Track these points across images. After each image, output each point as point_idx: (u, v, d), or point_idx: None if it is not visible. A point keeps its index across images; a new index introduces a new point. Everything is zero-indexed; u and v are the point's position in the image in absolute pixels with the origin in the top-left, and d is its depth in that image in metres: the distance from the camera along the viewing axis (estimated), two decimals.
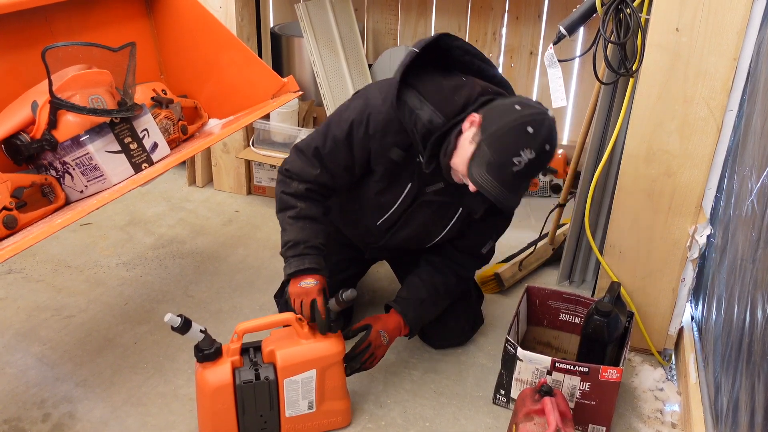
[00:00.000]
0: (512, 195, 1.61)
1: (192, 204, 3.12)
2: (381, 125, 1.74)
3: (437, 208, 1.89)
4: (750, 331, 1.38)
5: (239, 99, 2.36)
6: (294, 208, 1.82)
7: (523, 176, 1.60)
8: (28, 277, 2.53)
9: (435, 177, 1.80)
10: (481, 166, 1.59)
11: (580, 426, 1.87)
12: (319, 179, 1.84)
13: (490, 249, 2.04)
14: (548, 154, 1.61)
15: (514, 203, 1.65)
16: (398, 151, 1.76)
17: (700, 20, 1.75)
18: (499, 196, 1.59)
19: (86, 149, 1.83)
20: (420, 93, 1.70)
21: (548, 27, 3.29)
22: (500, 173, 1.58)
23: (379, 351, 1.90)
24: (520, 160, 1.56)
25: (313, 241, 1.80)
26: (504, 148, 1.57)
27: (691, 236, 1.97)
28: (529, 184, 1.68)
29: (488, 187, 1.58)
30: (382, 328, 1.91)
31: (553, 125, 1.61)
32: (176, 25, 2.38)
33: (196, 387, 1.75)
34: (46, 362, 2.09)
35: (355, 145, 1.79)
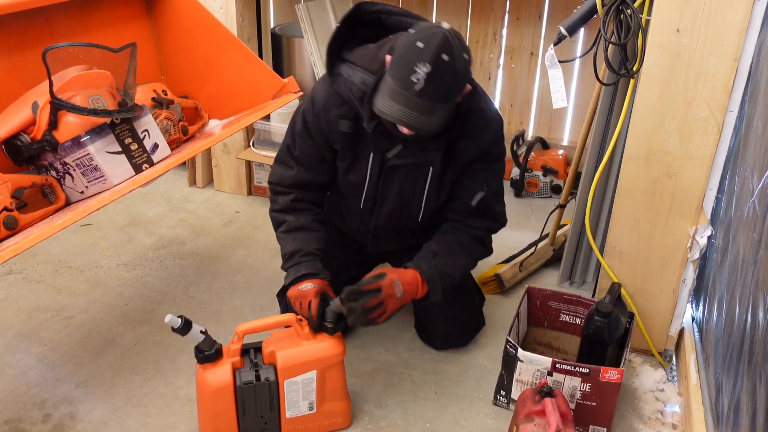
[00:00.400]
0: (422, 116, 1.55)
1: (192, 205, 3.12)
2: (322, 102, 1.80)
3: (406, 172, 1.86)
4: (751, 333, 1.38)
5: (240, 100, 2.36)
6: (283, 223, 1.90)
7: (428, 94, 1.53)
8: (29, 277, 2.53)
9: (390, 140, 1.79)
10: (385, 95, 1.57)
11: (580, 427, 1.86)
12: (299, 178, 1.89)
13: (487, 202, 1.89)
14: (450, 65, 1.53)
15: (428, 125, 1.58)
16: (345, 122, 1.79)
17: (701, 21, 1.75)
18: (408, 120, 1.55)
19: (87, 150, 1.83)
20: (352, 63, 1.75)
21: (549, 28, 3.29)
22: (403, 97, 1.54)
23: (390, 302, 1.72)
24: (417, 77, 1.51)
25: (307, 248, 1.84)
26: (399, 70, 1.54)
27: (692, 237, 1.97)
28: (446, 103, 1.58)
29: (395, 114, 1.55)
30: (397, 278, 1.76)
31: (450, 36, 1.53)
32: (177, 25, 2.38)
33: (197, 388, 1.75)
34: (47, 363, 2.09)
35: (312, 132, 1.84)
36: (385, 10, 1.79)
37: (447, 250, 1.89)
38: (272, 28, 3.33)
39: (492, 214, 1.95)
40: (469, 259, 1.96)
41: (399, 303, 1.76)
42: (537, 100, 3.47)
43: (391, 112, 1.56)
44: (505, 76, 3.47)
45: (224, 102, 2.39)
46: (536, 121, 3.52)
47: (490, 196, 1.90)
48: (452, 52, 1.53)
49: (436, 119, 1.59)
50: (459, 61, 1.55)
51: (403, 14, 1.79)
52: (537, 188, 3.26)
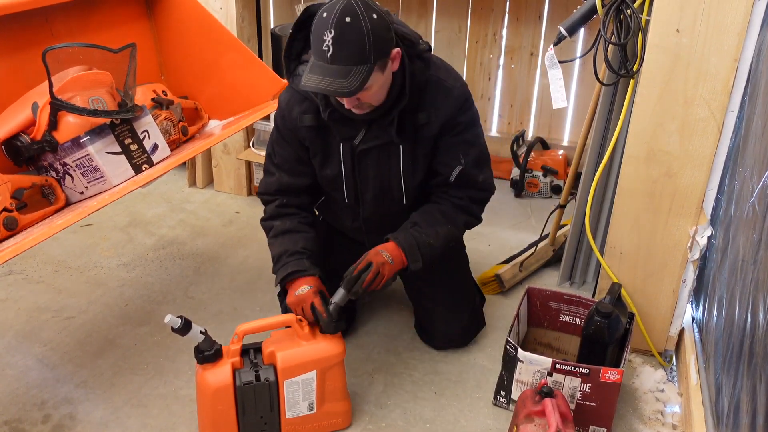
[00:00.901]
0: (340, 80, 1.56)
1: (192, 205, 3.12)
2: (285, 103, 1.87)
3: (377, 155, 1.87)
4: (751, 333, 1.38)
5: (240, 100, 2.36)
6: (270, 229, 1.94)
7: (339, 58, 1.55)
8: (29, 278, 2.53)
9: (352, 126, 1.81)
10: (307, 71, 1.61)
11: (580, 427, 1.86)
12: (281, 182, 1.93)
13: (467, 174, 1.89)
14: (354, 25, 1.54)
15: (348, 86, 1.57)
16: (308, 116, 1.83)
17: (701, 21, 1.75)
18: (325, 86, 1.57)
19: (86, 150, 1.83)
20: (306, 61, 1.79)
21: (549, 28, 3.29)
22: (319, 67, 1.58)
23: (384, 268, 1.80)
24: (326, 44, 1.55)
25: (293, 248, 1.86)
26: (313, 44, 1.59)
27: (692, 237, 1.96)
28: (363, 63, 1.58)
29: (314, 83, 1.58)
30: (380, 248, 1.83)
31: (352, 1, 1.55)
32: (177, 26, 2.38)
33: (197, 388, 1.75)
34: (47, 363, 2.09)
35: (284, 135, 1.89)
36: None
37: (426, 220, 1.89)
38: (272, 28, 3.32)
39: (476, 184, 1.93)
40: (451, 227, 1.92)
41: (392, 268, 1.82)
42: (537, 101, 3.47)
43: (310, 83, 1.59)
44: (505, 76, 3.47)
45: (224, 102, 2.39)
46: (536, 121, 3.51)
47: (468, 168, 1.89)
48: (355, 13, 1.55)
49: (353, 81, 1.58)
50: (365, 21, 1.55)
51: None
52: (537, 188, 3.26)
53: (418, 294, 2.20)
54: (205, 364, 1.71)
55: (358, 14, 1.55)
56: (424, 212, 1.92)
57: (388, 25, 1.62)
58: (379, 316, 2.34)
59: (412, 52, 1.75)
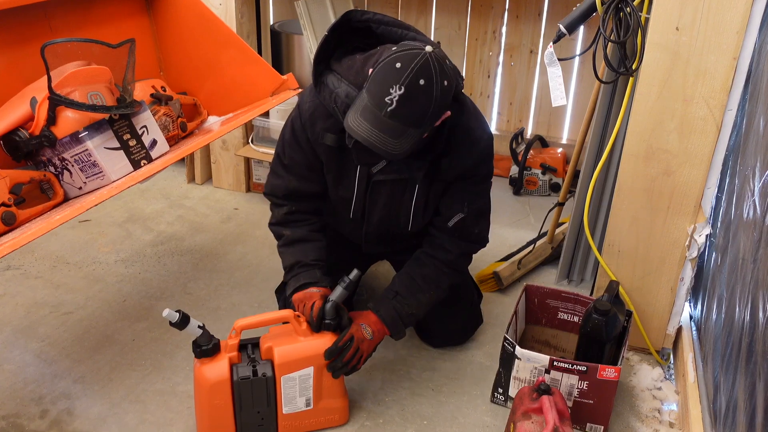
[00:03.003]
0: (391, 139, 1.52)
1: (191, 201, 3.12)
2: (308, 113, 1.78)
3: (391, 187, 1.86)
4: (751, 331, 1.38)
5: (239, 96, 2.36)
6: (281, 236, 1.92)
7: (400, 117, 1.50)
8: (27, 273, 2.53)
9: (374, 155, 1.73)
10: (357, 111, 1.54)
11: (578, 425, 1.87)
12: (290, 187, 1.89)
13: (465, 224, 1.88)
14: (426, 90, 1.49)
15: (396, 148, 1.53)
16: (330, 136, 1.76)
17: (700, 19, 1.75)
18: (375, 141, 1.52)
19: (85, 146, 1.83)
20: (339, 74, 1.71)
21: (548, 25, 3.29)
22: (374, 116, 1.51)
23: (363, 345, 1.79)
24: (390, 98, 1.48)
25: (305, 259, 1.86)
26: (374, 89, 1.51)
27: (690, 235, 1.97)
28: (419, 128, 1.54)
29: (363, 133, 1.52)
30: (363, 322, 1.83)
31: (431, 60, 1.49)
32: (176, 22, 2.37)
33: (194, 382, 1.75)
34: (45, 359, 2.09)
35: (300, 141, 1.83)
36: (375, 19, 1.74)
37: (408, 288, 1.89)
38: (271, 24, 3.32)
39: (470, 236, 1.93)
40: (434, 292, 1.93)
41: (372, 344, 1.82)
42: (536, 98, 3.47)
43: (360, 131, 1.53)
44: (504, 74, 3.47)
45: (223, 98, 2.39)
46: (535, 119, 3.52)
47: (469, 218, 1.88)
48: (430, 77, 1.49)
49: (406, 143, 1.54)
50: (437, 88, 1.51)
51: (393, 24, 1.74)
52: (536, 186, 3.26)
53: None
54: (202, 359, 1.71)
55: (433, 79, 1.49)
56: (407, 278, 1.90)
57: (452, 89, 1.57)
58: None
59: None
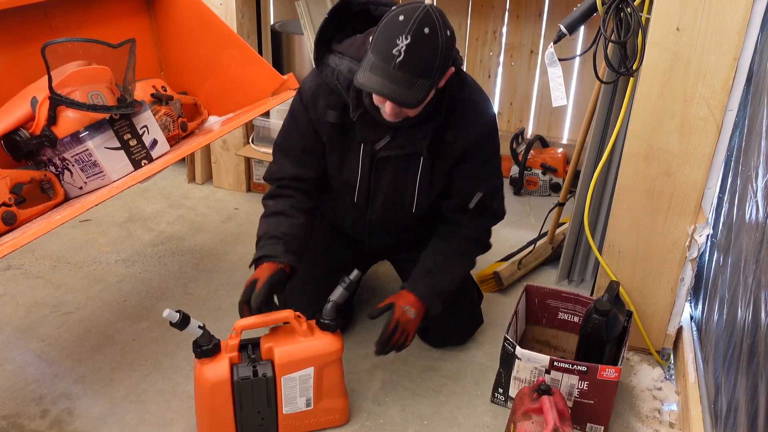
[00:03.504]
0: (403, 89, 1.53)
1: (191, 201, 3.12)
2: (310, 93, 1.80)
3: (397, 163, 1.85)
4: (753, 332, 1.38)
5: (239, 96, 2.36)
6: (265, 208, 1.90)
7: (408, 66, 1.52)
8: (27, 273, 2.53)
9: (377, 131, 1.78)
10: (366, 69, 1.55)
11: (578, 425, 1.87)
12: (285, 173, 1.89)
13: (485, 202, 1.91)
14: (431, 38, 1.51)
15: (409, 98, 1.55)
16: (333, 113, 1.78)
17: (701, 20, 1.75)
18: (388, 92, 1.54)
19: (85, 146, 1.83)
20: (340, 53, 1.75)
21: (549, 26, 3.29)
22: (383, 70, 1.53)
23: (409, 326, 1.86)
24: (397, 49, 1.50)
25: (274, 231, 1.81)
26: (381, 44, 1.53)
27: (690, 236, 1.97)
28: (428, 78, 1.55)
29: (375, 86, 1.54)
30: (405, 303, 1.87)
31: (432, 11, 1.52)
32: (176, 21, 2.38)
33: (195, 383, 1.75)
34: (45, 359, 2.09)
35: (300, 123, 1.85)
36: (373, 0, 1.78)
37: (440, 265, 1.92)
38: (272, 24, 3.32)
39: (488, 211, 1.95)
40: (465, 265, 1.99)
41: (416, 322, 1.88)
42: (537, 98, 3.47)
43: (372, 84, 1.55)
44: (504, 74, 3.47)
45: (224, 98, 2.39)
46: (536, 119, 3.52)
47: (487, 196, 1.91)
48: (434, 25, 1.52)
49: (417, 94, 1.56)
50: (441, 36, 1.53)
51: (391, 5, 1.75)
52: (536, 186, 3.26)
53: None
54: (203, 359, 1.71)
55: (437, 27, 1.52)
56: (438, 254, 1.94)
57: (454, 42, 1.60)
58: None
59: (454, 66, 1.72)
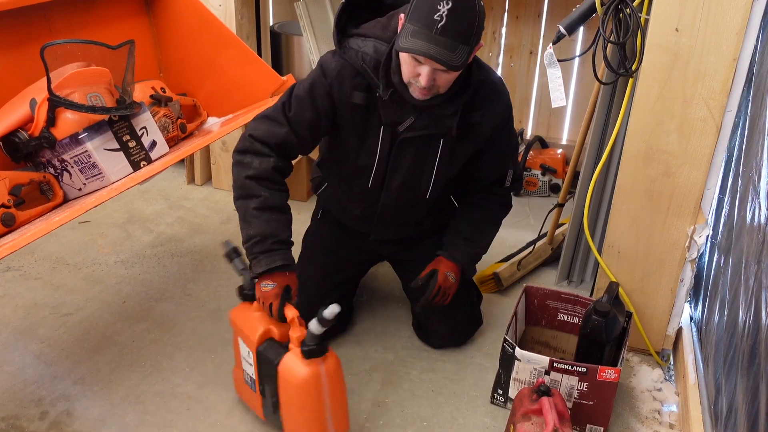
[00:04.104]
0: (447, 51, 1.56)
1: (191, 202, 3.12)
2: (335, 73, 1.78)
3: (419, 145, 1.85)
4: (754, 334, 1.38)
5: (238, 97, 2.36)
6: (257, 197, 1.75)
7: (451, 31, 1.54)
8: (27, 274, 2.53)
9: (402, 111, 1.78)
10: (407, 36, 1.57)
11: (577, 426, 1.87)
12: (287, 139, 1.81)
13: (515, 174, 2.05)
14: (470, 3, 1.55)
15: (453, 60, 1.57)
16: (359, 93, 1.78)
17: (700, 20, 1.75)
18: (434, 53, 1.55)
19: (85, 147, 1.83)
20: (361, 35, 1.78)
21: (548, 26, 3.29)
22: (426, 35, 1.55)
23: (450, 290, 1.99)
24: (440, 14, 1.53)
25: (282, 234, 1.76)
26: (422, 11, 1.56)
27: (690, 237, 1.97)
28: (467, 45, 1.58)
29: (422, 48, 1.55)
30: (446, 269, 1.98)
31: None
32: (175, 23, 2.38)
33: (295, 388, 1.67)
34: (44, 360, 2.09)
35: (316, 100, 1.79)
36: None
37: (477, 232, 2.04)
38: (271, 25, 3.32)
39: (514, 177, 2.05)
40: (496, 229, 2.10)
41: (456, 285, 2.00)
42: (536, 99, 3.47)
43: (417, 47, 1.55)
44: (504, 74, 3.47)
45: (223, 99, 2.39)
46: (535, 119, 3.52)
47: (515, 169, 2.04)
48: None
49: (459, 58, 1.57)
50: (479, 3, 1.58)
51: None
52: (536, 187, 3.26)
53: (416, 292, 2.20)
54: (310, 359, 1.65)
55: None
56: (474, 223, 2.04)
57: (485, 11, 1.63)
58: (377, 315, 2.35)
59: None
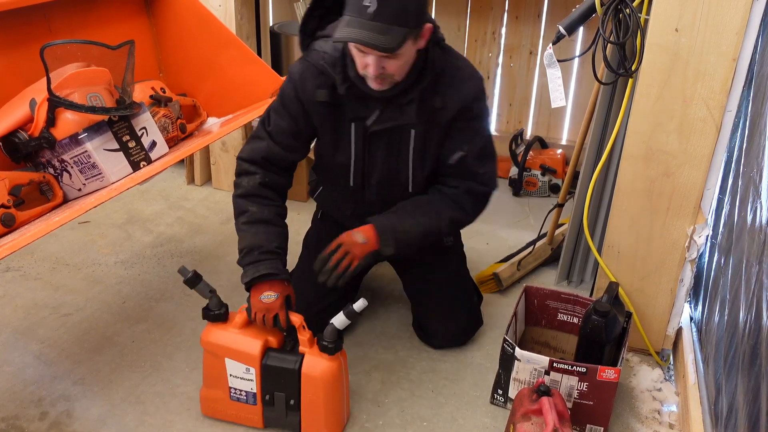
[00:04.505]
0: (378, 35, 1.55)
1: (190, 202, 3.12)
2: (298, 75, 1.82)
3: (390, 138, 1.85)
4: (755, 334, 1.38)
5: (238, 97, 2.36)
6: (245, 212, 1.83)
7: (381, 14, 1.55)
8: (26, 275, 2.52)
9: (366, 105, 1.80)
10: (342, 27, 1.59)
11: (577, 426, 1.87)
12: (271, 151, 1.86)
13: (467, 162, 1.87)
14: None
15: (385, 42, 1.56)
16: (322, 91, 1.80)
17: (700, 21, 1.75)
18: (363, 38, 1.55)
19: (84, 147, 1.83)
20: (325, 36, 1.82)
21: (548, 26, 3.29)
22: (357, 22, 1.56)
23: (354, 249, 1.81)
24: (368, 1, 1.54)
25: (268, 245, 1.79)
26: (352, 1, 1.58)
27: (690, 237, 1.97)
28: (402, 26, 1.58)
29: (351, 35, 1.56)
30: (357, 229, 1.84)
31: None
32: (175, 23, 2.38)
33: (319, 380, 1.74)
34: (44, 360, 2.09)
35: (289, 106, 1.84)
36: None
37: (408, 207, 1.89)
38: (271, 26, 3.32)
39: (475, 176, 1.90)
40: (435, 218, 1.89)
41: (364, 248, 1.82)
42: (536, 99, 3.47)
43: (347, 35, 1.57)
44: (504, 75, 3.47)
45: (223, 100, 2.39)
46: (535, 120, 3.52)
47: (470, 157, 1.87)
48: None
49: (393, 40, 1.57)
50: None
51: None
52: (535, 187, 3.26)
53: (416, 293, 2.20)
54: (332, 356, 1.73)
55: None
56: (412, 200, 1.92)
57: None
58: (377, 315, 2.35)
59: (434, 38, 1.75)
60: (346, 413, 1.86)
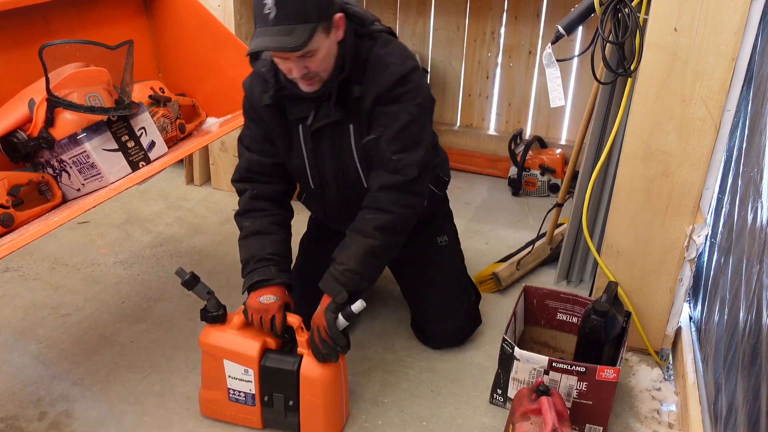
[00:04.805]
0: (282, 37, 1.58)
1: (190, 202, 3.12)
2: (247, 86, 1.89)
3: (331, 135, 1.85)
4: (756, 334, 1.38)
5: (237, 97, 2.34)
6: (241, 229, 1.92)
7: (281, 18, 1.57)
8: (25, 275, 2.52)
9: (304, 107, 1.81)
10: (252, 39, 1.62)
11: (577, 426, 1.87)
12: (250, 161, 1.92)
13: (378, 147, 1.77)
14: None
15: (290, 42, 1.58)
16: (267, 96, 1.83)
17: (699, 20, 1.75)
18: (269, 44, 1.59)
19: (83, 147, 1.83)
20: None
21: (547, 26, 3.29)
22: (263, 31, 1.59)
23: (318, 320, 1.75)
24: (268, 8, 1.57)
25: (261, 254, 1.83)
26: (256, 12, 1.61)
27: (689, 236, 1.97)
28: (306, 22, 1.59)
29: (258, 45, 1.59)
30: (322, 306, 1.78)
31: None
32: (174, 23, 2.37)
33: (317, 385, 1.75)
34: (43, 361, 2.08)
35: (250, 116, 1.91)
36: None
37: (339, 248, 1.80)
38: None
39: (388, 163, 1.77)
40: (360, 237, 1.77)
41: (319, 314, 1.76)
42: (535, 99, 3.47)
43: (256, 45, 1.60)
44: (503, 74, 3.47)
45: (222, 100, 2.39)
46: (534, 119, 3.52)
47: (384, 140, 1.76)
48: None
49: (298, 38, 1.58)
50: None
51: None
52: (535, 187, 3.26)
53: (413, 294, 2.20)
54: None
55: None
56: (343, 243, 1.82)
57: None
58: (376, 315, 2.35)
59: (363, 30, 1.76)
60: (345, 413, 1.86)
